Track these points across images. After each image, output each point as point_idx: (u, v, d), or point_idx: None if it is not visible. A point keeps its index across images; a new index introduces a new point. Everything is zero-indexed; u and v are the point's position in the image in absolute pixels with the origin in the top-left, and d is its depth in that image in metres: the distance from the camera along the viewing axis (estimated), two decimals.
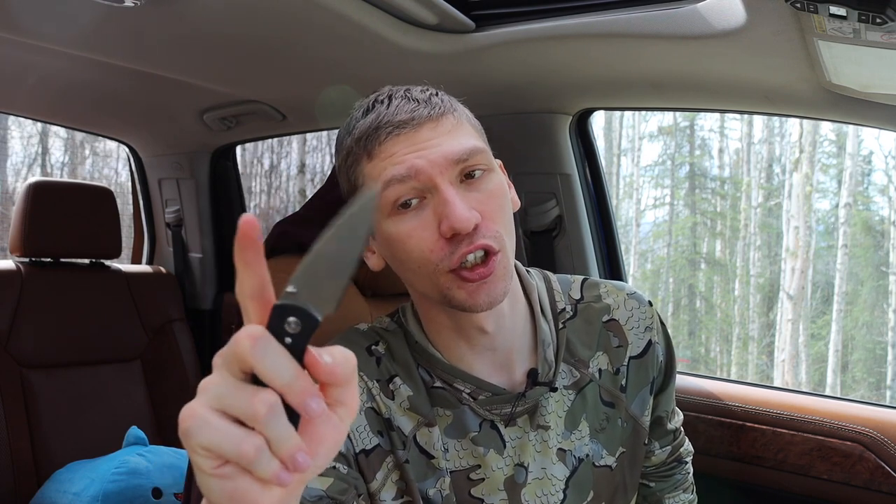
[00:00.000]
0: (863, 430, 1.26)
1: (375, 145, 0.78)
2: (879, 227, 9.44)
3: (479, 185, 0.78)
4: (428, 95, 0.80)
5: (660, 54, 1.19)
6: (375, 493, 0.82)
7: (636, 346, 0.93)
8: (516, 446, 0.86)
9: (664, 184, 11.13)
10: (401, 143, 0.77)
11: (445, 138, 0.77)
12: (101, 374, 2.09)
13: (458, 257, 0.75)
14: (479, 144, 0.79)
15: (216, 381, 0.43)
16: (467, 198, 0.77)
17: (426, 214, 0.77)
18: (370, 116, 0.79)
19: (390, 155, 0.77)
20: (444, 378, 0.85)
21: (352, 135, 0.81)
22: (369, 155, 0.78)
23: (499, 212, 0.79)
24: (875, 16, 0.81)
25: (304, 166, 9.82)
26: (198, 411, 0.43)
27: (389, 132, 0.77)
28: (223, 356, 0.44)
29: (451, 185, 0.76)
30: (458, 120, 0.80)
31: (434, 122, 0.78)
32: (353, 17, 1.19)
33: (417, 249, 0.77)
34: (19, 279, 2.01)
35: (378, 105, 0.79)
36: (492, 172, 0.80)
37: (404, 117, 0.77)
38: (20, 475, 1.85)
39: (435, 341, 0.86)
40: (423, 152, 0.76)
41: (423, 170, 0.75)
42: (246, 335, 0.42)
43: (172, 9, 1.19)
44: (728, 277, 10.53)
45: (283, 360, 0.42)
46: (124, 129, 2.30)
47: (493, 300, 0.78)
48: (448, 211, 0.74)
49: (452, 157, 0.76)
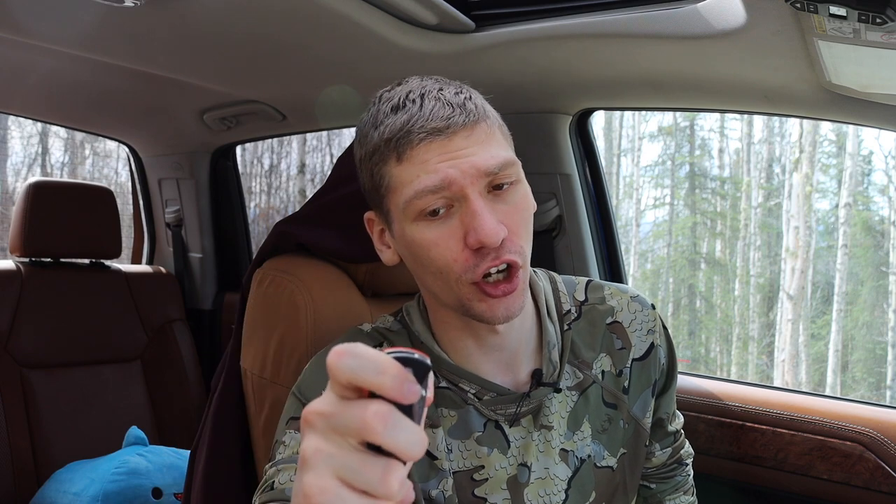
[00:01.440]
0: (863, 430, 1.26)
1: (407, 149, 0.75)
2: (879, 227, 9.44)
3: (507, 197, 0.77)
4: (462, 99, 0.77)
5: (660, 54, 1.19)
6: None
7: (639, 348, 0.93)
8: (520, 446, 0.86)
9: (664, 184, 11.12)
10: (434, 150, 0.74)
11: (478, 148, 0.75)
12: (101, 374, 2.09)
13: (482, 270, 0.75)
14: (511, 156, 0.78)
15: (331, 450, 0.41)
16: (495, 210, 0.76)
17: (453, 223, 0.76)
18: (401, 116, 0.76)
19: (422, 161, 0.75)
20: (449, 378, 0.85)
21: (379, 131, 0.77)
22: (399, 157, 0.76)
23: (523, 225, 0.78)
24: (875, 16, 0.81)
25: (304, 166, 9.81)
26: (328, 486, 0.41)
27: (423, 138, 0.74)
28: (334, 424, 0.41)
29: (481, 197, 0.75)
30: (490, 128, 0.78)
31: (468, 131, 0.75)
32: (353, 16, 1.19)
33: (441, 258, 0.76)
34: (19, 279, 2.01)
35: (410, 104, 0.76)
36: (519, 183, 0.79)
37: (439, 125, 0.74)
38: (20, 475, 1.85)
39: (441, 341, 0.86)
40: (456, 161, 0.74)
41: (456, 181, 0.74)
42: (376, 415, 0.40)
43: (172, 9, 1.19)
44: (728, 277, 10.53)
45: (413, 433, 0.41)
46: (124, 129, 2.30)
47: (511, 314, 0.78)
48: (477, 224, 0.73)
49: (485, 170, 0.75)
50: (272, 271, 1.14)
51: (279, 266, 1.15)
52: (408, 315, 0.90)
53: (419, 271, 0.82)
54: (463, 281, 0.76)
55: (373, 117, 0.79)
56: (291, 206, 9.99)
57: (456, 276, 0.76)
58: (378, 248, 0.87)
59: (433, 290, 0.82)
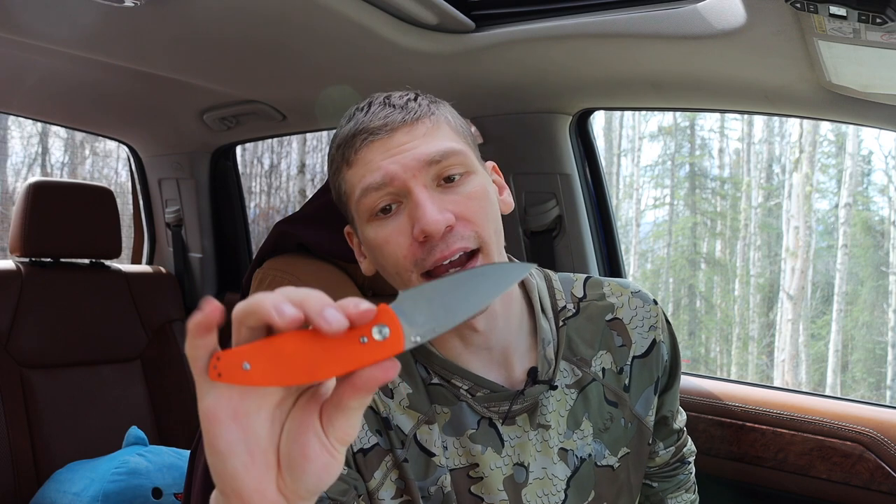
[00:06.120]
0: (863, 430, 1.26)
1: (352, 153, 0.79)
2: (879, 227, 9.44)
3: (457, 188, 0.78)
4: (405, 101, 0.80)
5: (660, 54, 1.19)
6: (374, 491, 0.82)
7: (640, 345, 0.93)
8: (515, 446, 0.86)
9: (664, 184, 11.13)
10: (375, 150, 0.78)
11: (420, 142, 0.77)
12: (101, 374, 2.09)
13: (431, 262, 0.76)
14: (456, 146, 0.79)
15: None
16: (443, 200, 0.77)
17: (401, 219, 0.77)
18: (350, 125, 0.80)
19: (366, 162, 0.78)
20: (441, 374, 0.85)
21: (334, 143, 0.83)
22: (348, 163, 0.80)
23: (479, 213, 0.78)
24: (875, 16, 0.81)
25: (304, 166, 9.81)
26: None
27: (364, 139, 0.78)
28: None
29: (425, 189, 0.76)
30: (434, 123, 0.80)
31: (409, 127, 0.78)
32: (354, 17, 1.19)
33: (393, 255, 0.78)
34: (19, 279, 2.01)
35: (358, 113, 0.81)
36: (472, 175, 0.80)
37: (378, 123, 0.78)
38: (20, 475, 1.85)
39: (433, 340, 0.86)
40: (397, 157, 0.77)
41: (397, 175, 0.76)
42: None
43: (172, 9, 1.19)
44: (728, 277, 10.53)
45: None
46: (124, 129, 2.30)
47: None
48: (419, 214, 0.75)
49: (424, 160, 0.76)
50: (272, 271, 1.15)
51: (279, 266, 1.15)
52: None
53: (382, 273, 0.83)
54: (416, 274, 0.77)
55: (335, 134, 0.84)
56: (291, 206, 9.99)
57: (408, 272, 0.78)
58: (358, 259, 0.89)
59: (397, 288, 0.82)
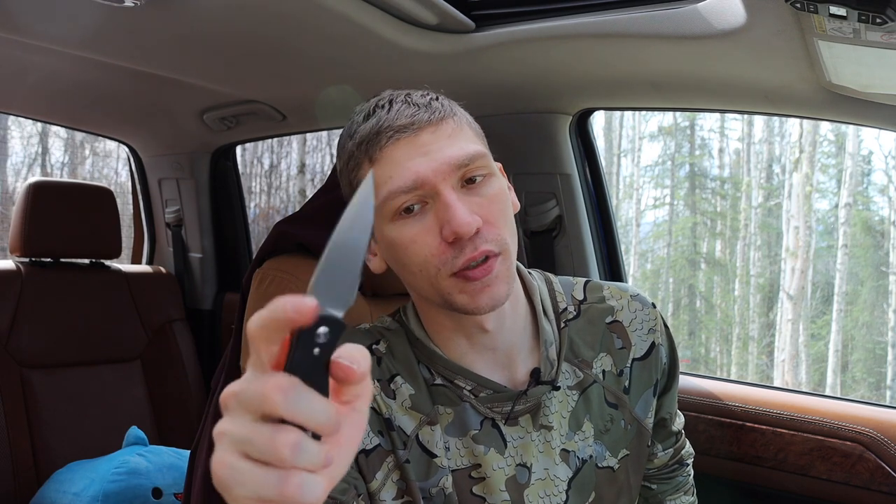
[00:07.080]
0: (863, 430, 1.26)
1: (377, 150, 0.79)
2: (879, 227, 9.44)
3: (480, 190, 0.79)
4: (428, 100, 0.81)
5: (660, 54, 1.19)
6: (375, 492, 0.82)
7: (639, 347, 0.93)
8: (518, 446, 0.86)
9: (664, 184, 11.12)
10: (402, 148, 0.78)
11: (446, 142, 0.78)
12: (101, 374, 2.09)
13: (461, 262, 0.77)
14: (481, 149, 0.81)
15: (233, 427, 0.43)
16: (469, 202, 0.78)
17: (428, 219, 0.78)
18: (371, 121, 0.80)
19: (392, 160, 0.78)
20: (444, 375, 0.85)
21: (353, 139, 0.82)
22: (371, 160, 0.79)
23: (500, 216, 0.80)
24: (875, 16, 0.81)
25: (304, 166, 9.81)
26: (226, 460, 0.42)
27: (391, 136, 0.78)
28: (240, 401, 0.43)
29: (453, 191, 0.77)
30: (458, 124, 0.81)
31: (434, 127, 0.79)
32: (353, 17, 1.19)
33: (420, 254, 0.78)
34: (19, 279, 2.01)
35: (379, 110, 0.80)
36: (492, 177, 0.81)
37: (405, 122, 0.78)
38: (20, 475, 1.85)
39: (435, 340, 0.87)
40: (425, 158, 0.77)
41: (428, 179, 0.76)
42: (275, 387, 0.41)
43: (172, 9, 1.19)
44: (728, 277, 10.52)
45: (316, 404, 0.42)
46: (124, 129, 2.30)
47: (495, 302, 0.79)
48: (450, 216, 0.75)
49: (454, 163, 0.77)
50: (272, 271, 1.15)
51: (279, 266, 1.15)
52: (404, 314, 0.91)
53: (403, 272, 0.83)
54: (442, 274, 0.78)
55: (348, 129, 0.84)
56: (291, 206, 9.99)
57: (435, 271, 0.78)
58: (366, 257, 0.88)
59: (417, 288, 0.83)
